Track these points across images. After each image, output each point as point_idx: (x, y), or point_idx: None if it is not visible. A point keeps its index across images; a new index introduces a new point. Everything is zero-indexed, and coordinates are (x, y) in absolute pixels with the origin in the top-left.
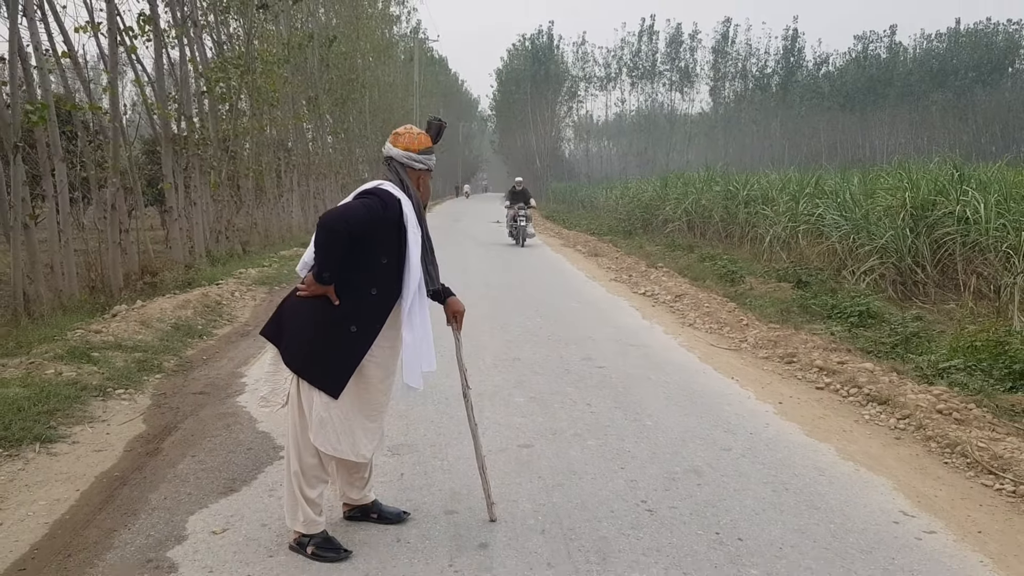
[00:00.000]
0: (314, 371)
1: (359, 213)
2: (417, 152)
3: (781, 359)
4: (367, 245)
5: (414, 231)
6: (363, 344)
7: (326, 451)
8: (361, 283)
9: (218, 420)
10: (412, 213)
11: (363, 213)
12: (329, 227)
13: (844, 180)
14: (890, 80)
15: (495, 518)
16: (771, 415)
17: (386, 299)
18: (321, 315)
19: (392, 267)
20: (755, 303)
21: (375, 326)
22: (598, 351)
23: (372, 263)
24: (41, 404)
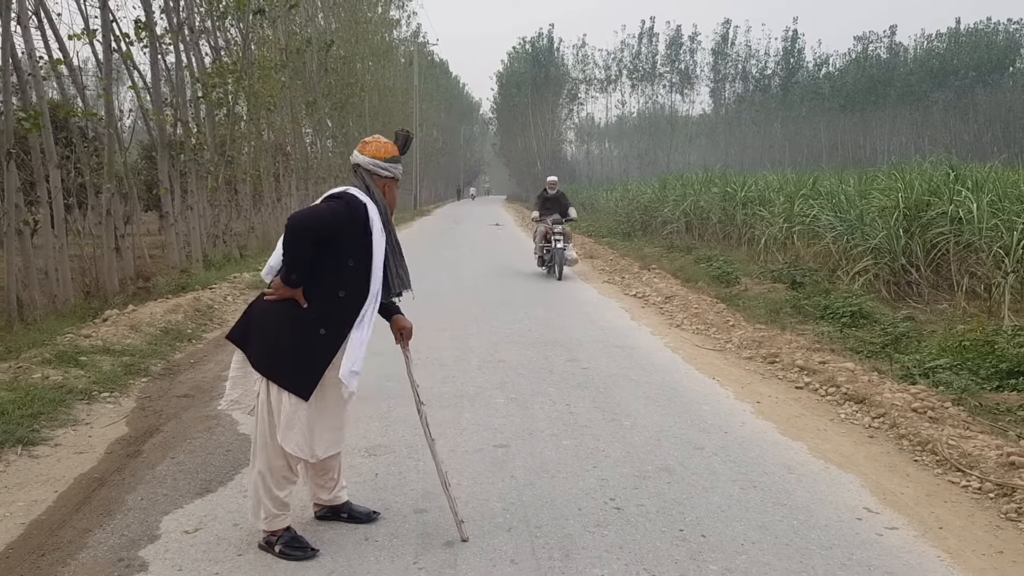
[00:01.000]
0: (284, 374)
1: (324, 215)
2: (383, 160)
3: (764, 359)
4: (333, 248)
5: (379, 235)
6: (332, 346)
7: (292, 452)
8: (329, 285)
9: (200, 423)
10: (377, 218)
11: (328, 216)
12: (295, 229)
13: (840, 181)
14: (890, 80)
15: (466, 537)
16: (748, 414)
17: (354, 301)
18: (290, 318)
19: (358, 270)
20: (747, 304)
21: (344, 329)
22: (584, 352)
23: (339, 266)
24: (25, 408)
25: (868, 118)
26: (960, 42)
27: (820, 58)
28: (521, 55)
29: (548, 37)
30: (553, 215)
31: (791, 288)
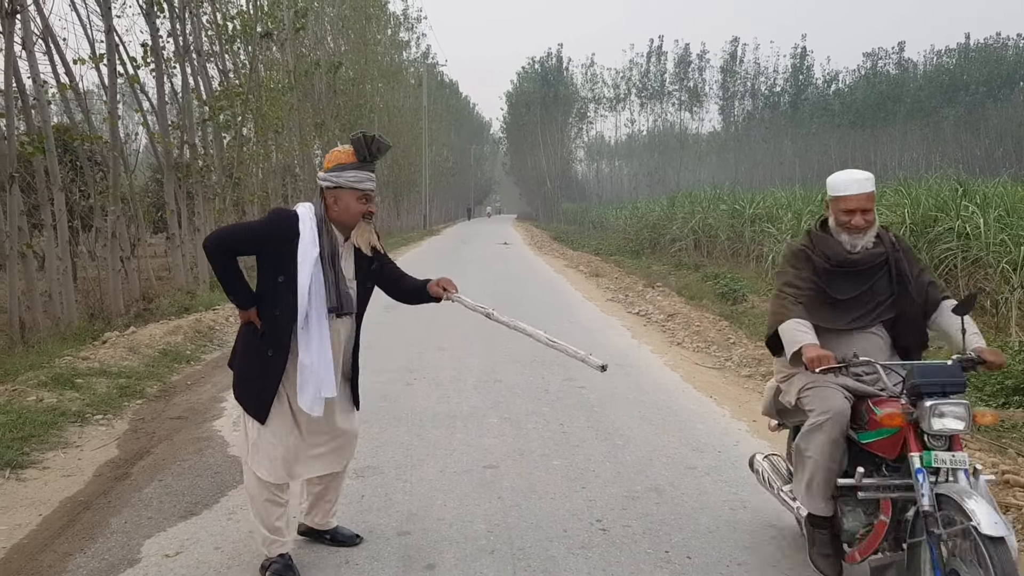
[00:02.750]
0: (242, 397)
1: (234, 231)
2: (325, 171)
3: (764, 377)
4: (261, 264)
5: (307, 248)
6: (277, 367)
7: (260, 475)
8: (266, 304)
9: (191, 445)
10: (310, 230)
11: (239, 231)
12: (204, 245)
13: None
14: (900, 96)
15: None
16: (743, 433)
17: (288, 320)
18: (244, 341)
19: (289, 286)
20: (751, 321)
21: (283, 349)
22: (581, 372)
23: (269, 282)
24: (17, 430)
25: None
26: (970, 57)
27: (829, 75)
28: (530, 75)
29: (557, 57)
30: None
31: None
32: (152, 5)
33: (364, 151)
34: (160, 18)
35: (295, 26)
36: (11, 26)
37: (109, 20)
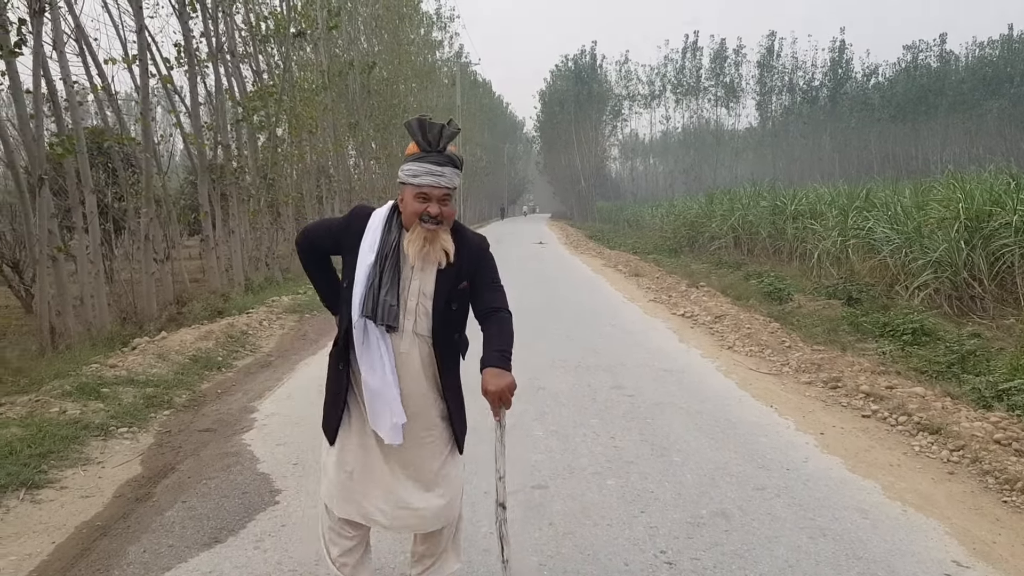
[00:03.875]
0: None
1: (315, 224)
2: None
3: (825, 384)
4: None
5: (365, 251)
6: (343, 384)
7: (325, 501)
8: (341, 314)
9: (219, 460)
10: (373, 231)
11: (318, 224)
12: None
13: (895, 192)
14: (942, 89)
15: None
16: (811, 447)
17: (348, 330)
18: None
19: (349, 292)
20: (802, 322)
21: (345, 366)
22: (629, 378)
23: (340, 288)
24: (36, 446)
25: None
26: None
27: (869, 68)
28: (564, 73)
29: (591, 54)
30: None
31: (847, 304)
32: (185, 5)
33: (419, 138)
34: (193, 19)
35: (328, 25)
36: (39, 25)
37: (140, 20)
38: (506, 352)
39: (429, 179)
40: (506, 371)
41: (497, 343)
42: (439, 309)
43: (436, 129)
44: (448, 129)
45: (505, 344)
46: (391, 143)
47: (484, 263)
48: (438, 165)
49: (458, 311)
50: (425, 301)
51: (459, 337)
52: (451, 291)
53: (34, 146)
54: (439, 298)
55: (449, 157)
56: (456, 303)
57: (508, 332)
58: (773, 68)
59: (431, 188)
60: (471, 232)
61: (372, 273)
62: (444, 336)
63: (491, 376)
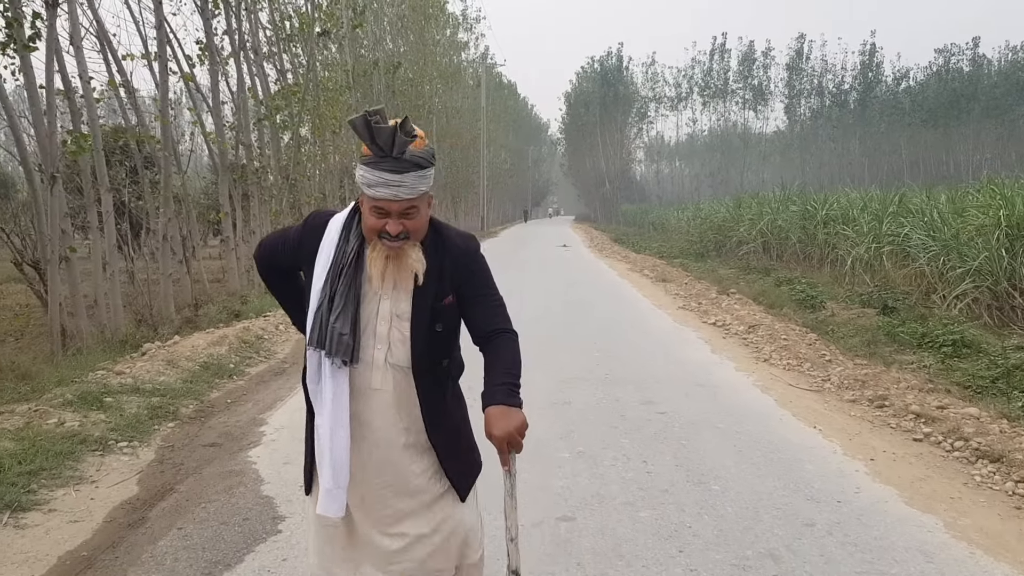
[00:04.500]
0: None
1: (272, 237)
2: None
3: (871, 402)
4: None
5: (320, 268)
6: (310, 425)
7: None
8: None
9: (221, 480)
10: (329, 243)
11: (275, 237)
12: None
13: (930, 198)
14: (974, 94)
15: None
16: (862, 476)
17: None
18: None
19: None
20: (837, 332)
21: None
22: (660, 393)
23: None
24: (28, 462)
25: (951, 133)
26: None
27: (900, 72)
28: (590, 74)
29: (617, 56)
30: None
31: (882, 314)
32: (207, 2)
33: (368, 142)
34: (216, 16)
35: (353, 24)
36: (53, 18)
37: (160, 15)
38: (512, 384)
39: (384, 191)
40: (514, 408)
41: (500, 374)
42: (419, 333)
43: (386, 134)
44: (401, 136)
45: (510, 374)
46: None
47: (474, 270)
48: (394, 172)
49: (444, 332)
50: (400, 324)
51: (448, 363)
52: (433, 309)
53: (48, 143)
54: (418, 319)
55: (412, 160)
56: (442, 323)
57: (512, 358)
58: (802, 71)
59: (387, 202)
60: (455, 232)
61: (321, 296)
62: (428, 365)
63: (496, 417)
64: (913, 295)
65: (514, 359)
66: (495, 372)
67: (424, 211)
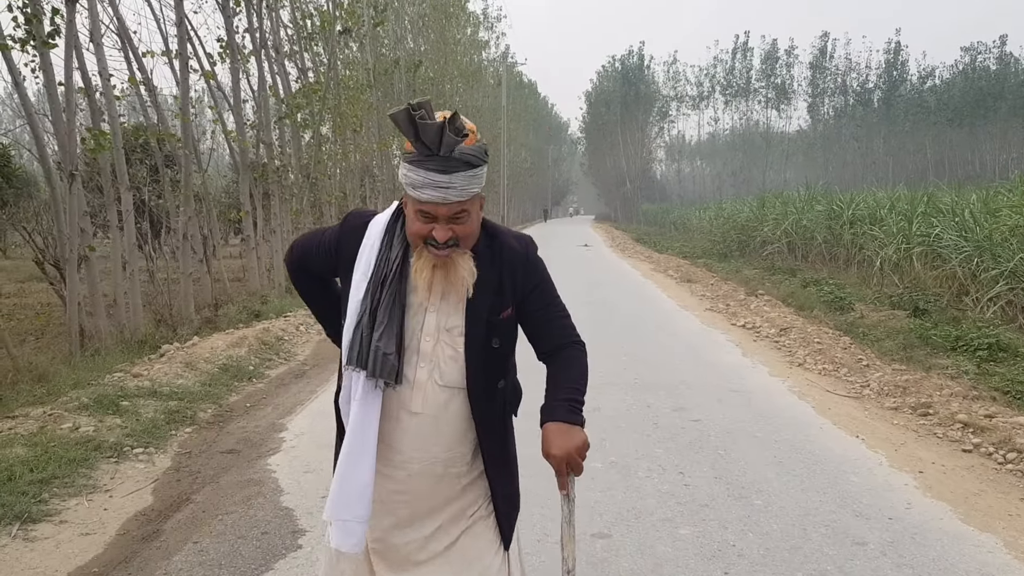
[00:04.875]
0: None
1: (306, 239)
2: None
3: (913, 410)
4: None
5: (360, 275)
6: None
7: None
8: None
9: (239, 490)
10: (371, 250)
11: (309, 239)
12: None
13: (960, 198)
14: (1001, 92)
15: None
16: (911, 490)
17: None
18: None
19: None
20: (869, 335)
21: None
22: (692, 399)
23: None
24: (40, 469)
25: (977, 132)
26: None
27: (925, 70)
28: (611, 73)
29: (639, 54)
30: None
31: (913, 316)
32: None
33: (412, 140)
34: (237, 15)
35: (374, 22)
36: (72, 13)
37: (181, 11)
38: (575, 400)
39: (431, 193)
40: (575, 426)
41: (563, 388)
42: (474, 350)
43: (433, 132)
44: (450, 136)
45: (574, 389)
46: None
47: (535, 278)
48: (442, 172)
49: (502, 349)
50: (451, 340)
51: (504, 385)
52: (489, 323)
53: (67, 141)
54: (473, 334)
55: (462, 158)
56: (499, 338)
57: (578, 371)
58: (826, 69)
59: (434, 206)
60: (512, 235)
61: (361, 309)
62: (482, 387)
63: (555, 434)
64: (944, 297)
65: (580, 373)
66: (557, 386)
67: (475, 215)
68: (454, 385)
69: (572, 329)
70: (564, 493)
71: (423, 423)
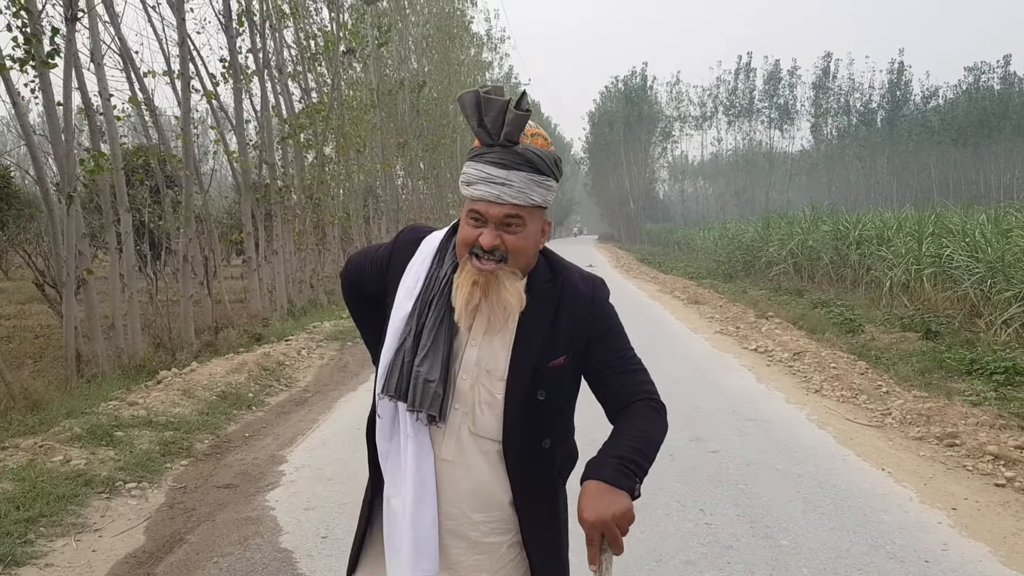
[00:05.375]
0: None
1: (364, 256)
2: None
3: (939, 440)
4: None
5: (403, 296)
6: (369, 492)
7: None
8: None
9: (236, 529)
10: (422, 264)
11: (367, 257)
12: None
13: (967, 218)
14: (1005, 112)
15: None
16: (946, 529)
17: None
18: None
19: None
20: (882, 358)
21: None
22: (708, 428)
23: None
24: (27, 507)
25: (981, 152)
26: None
27: (928, 90)
28: (614, 94)
29: (642, 75)
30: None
31: (925, 338)
32: (231, 20)
33: (474, 123)
34: (240, 35)
35: (378, 43)
36: (72, 32)
37: (183, 32)
38: (631, 460)
39: (484, 189)
40: (620, 490)
41: (621, 443)
42: (515, 398)
43: (496, 107)
44: (514, 112)
45: (633, 448)
46: (439, 163)
47: (602, 325)
48: (500, 167)
49: (548, 403)
50: (491, 383)
51: (551, 446)
52: (536, 370)
53: (65, 162)
54: (516, 381)
55: (524, 155)
56: (545, 390)
57: (645, 430)
58: (829, 90)
59: (486, 205)
60: (578, 273)
61: (404, 329)
62: (523, 443)
63: (593, 495)
64: (956, 319)
65: (647, 432)
66: (615, 440)
67: (533, 231)
68: (488, 436)
69: (649, 385)
70: (594, 570)
71: (456, 474)
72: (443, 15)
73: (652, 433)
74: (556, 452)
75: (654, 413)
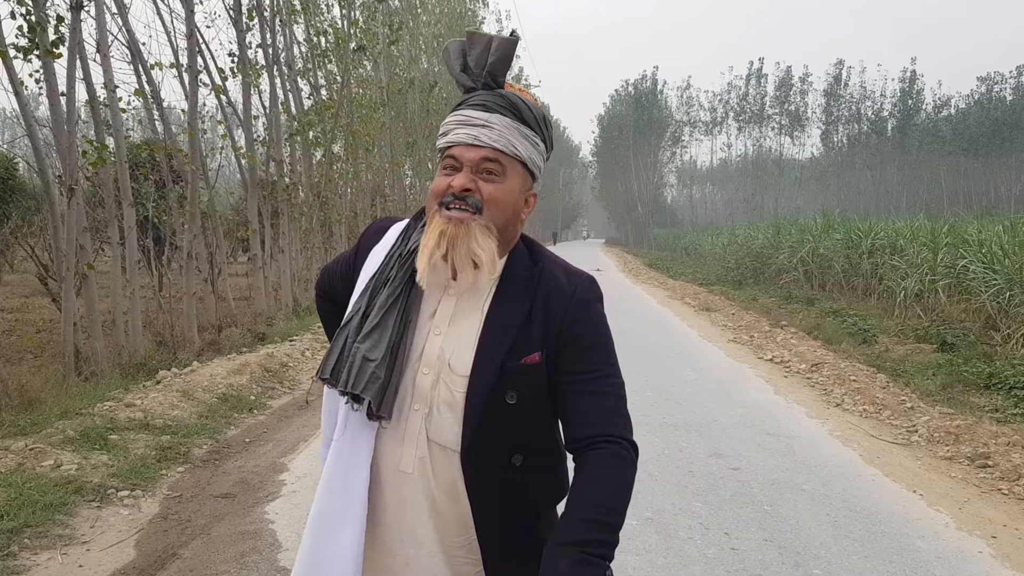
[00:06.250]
0: None
1: (335, 263)
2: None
3: (971, 460)
4: None
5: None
6: None
7: None
8: None
9: (232, 545)
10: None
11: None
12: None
13: (980, 228)
14: (1017, 123)
15: None
16: (987, 559)
17: None
18: None
19: None
20: (898, 369)
21: None
22: (728, 443)
23: None
24: (12, 516)
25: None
26: None
27: (940, 100)
28: (623, 98)
29: (652, 79)
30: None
31: (940, 350)
32: (241, 13)
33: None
34: (251, 30)
35: (389, 40)
36: (77, 21)
37: (191, 23)
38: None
39: (462, 132)
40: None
41: (577, 521)
42: (477, 399)
43: (482, 42)
44: (499, 38)
45: (595, 522)
46: None
47: (579, 328)
48: (481, 109)
49: (520, 409)
50: (452, 380)
51: (523, 464)
52: (505, 366)
53: (67, 154)
54: (481, 376)
55: (509, 98)
56: (517, 392)
57: (609, 492)
58: (840, 97)
59: (462, 148)
60: (563, 267)
61: (353, 309)
62: (485, 455)
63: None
64: (972, 331)
65: (611, 494)
66: (570, 516)
67: (513, 185)
68: (446, 443)
69: (618, 417)
70: None
71: (415, 490)
72: (454, 15)
73: (617, 493)
74: (531, 474)
75: (621, 462)
